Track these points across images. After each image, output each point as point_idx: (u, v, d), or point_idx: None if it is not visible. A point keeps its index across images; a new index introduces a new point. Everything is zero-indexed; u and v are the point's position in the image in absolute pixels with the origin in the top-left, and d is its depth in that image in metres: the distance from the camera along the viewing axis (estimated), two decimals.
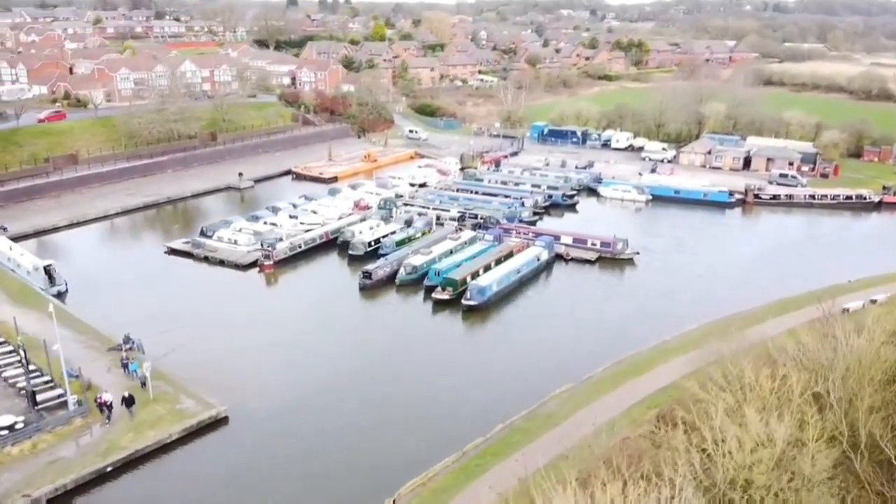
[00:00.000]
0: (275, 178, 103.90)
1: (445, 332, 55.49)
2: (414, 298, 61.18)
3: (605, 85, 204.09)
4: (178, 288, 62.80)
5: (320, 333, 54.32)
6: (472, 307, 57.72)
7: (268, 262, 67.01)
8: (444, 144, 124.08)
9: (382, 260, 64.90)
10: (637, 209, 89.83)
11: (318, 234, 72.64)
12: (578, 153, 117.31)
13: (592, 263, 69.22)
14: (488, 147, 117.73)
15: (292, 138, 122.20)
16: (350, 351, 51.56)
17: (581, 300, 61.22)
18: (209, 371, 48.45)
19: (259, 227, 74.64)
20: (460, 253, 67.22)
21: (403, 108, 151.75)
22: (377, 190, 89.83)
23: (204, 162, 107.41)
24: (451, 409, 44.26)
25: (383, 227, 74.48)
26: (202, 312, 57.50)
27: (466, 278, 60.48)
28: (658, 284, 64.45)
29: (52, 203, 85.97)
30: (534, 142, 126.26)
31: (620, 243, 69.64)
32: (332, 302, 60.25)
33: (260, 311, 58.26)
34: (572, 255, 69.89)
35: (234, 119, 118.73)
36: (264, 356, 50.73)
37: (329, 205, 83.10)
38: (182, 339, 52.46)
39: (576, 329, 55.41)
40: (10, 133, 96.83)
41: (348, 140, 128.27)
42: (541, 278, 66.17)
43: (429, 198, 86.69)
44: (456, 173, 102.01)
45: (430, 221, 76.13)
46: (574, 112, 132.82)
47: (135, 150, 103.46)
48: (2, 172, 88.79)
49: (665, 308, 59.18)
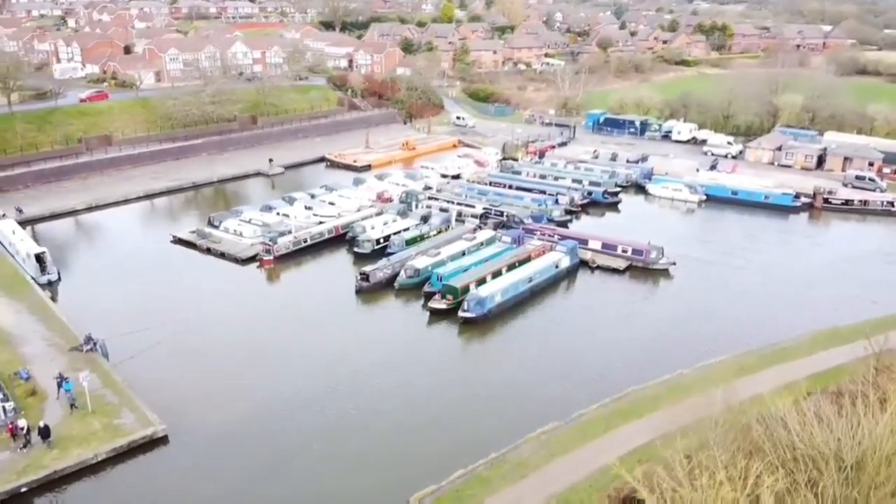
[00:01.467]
0: (308, 165, 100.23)
1: (435, 348, 49.78)
2: (412, 305, 55.75)
3: (681, 71, 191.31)
4: (170, 281, 59.56)
5: (300, 343, 49.68)
6: (470, 320, 51.79)
7: (267, 257, 63.06)
8: (491, 132, 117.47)
9: (384, 260, 59.69)
10: (688, 210, 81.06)
11: (326, 229, 68.10)
12: (634, 145, 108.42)
13: (621, 273, 61.82)
14: (536, 136, 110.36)
15: (335, 123, 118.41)
16: (326, 365, 46.71)
17: (598, 317, 54.22)
18: (168, 380, 44.72)
19: (270, 217, 70.83)
20: (472, 255, 61.25)
21: (456, 93, 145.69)
22: (404, 181, 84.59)
23: (240, 146, 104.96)
24: (411, 444, 38.74)
25: (398, 223, 69.27)
26: (185, 310, 53.94)
27: (470, 285, 54.52)
28: (694, 302, 56.61)
29: (78, 185, 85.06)
30: (588, 131, 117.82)
31: (654, 252, 61.89)
32: (324, 306, 55.56)
33: (245, 313, 54.20)
34: (598, 263, 62.66)
35: (277, 102, 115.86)
36: (233, 366, 46.54)
37: (349, 196, 78.49)
38: (154, 340, 48.90)
39: (582, 352, 48.67)
40: (47, 113, 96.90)
41: (393, 126, 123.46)
42: (559, 288, 59.39)
43: (456, 191, 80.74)
44: (494, 165, 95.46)
45: (448, 218, 70.30)
46: (635, 100, 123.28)
47: (171, 132, 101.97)
48: (33, 153, 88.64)
49: (695, 332, 51.51)
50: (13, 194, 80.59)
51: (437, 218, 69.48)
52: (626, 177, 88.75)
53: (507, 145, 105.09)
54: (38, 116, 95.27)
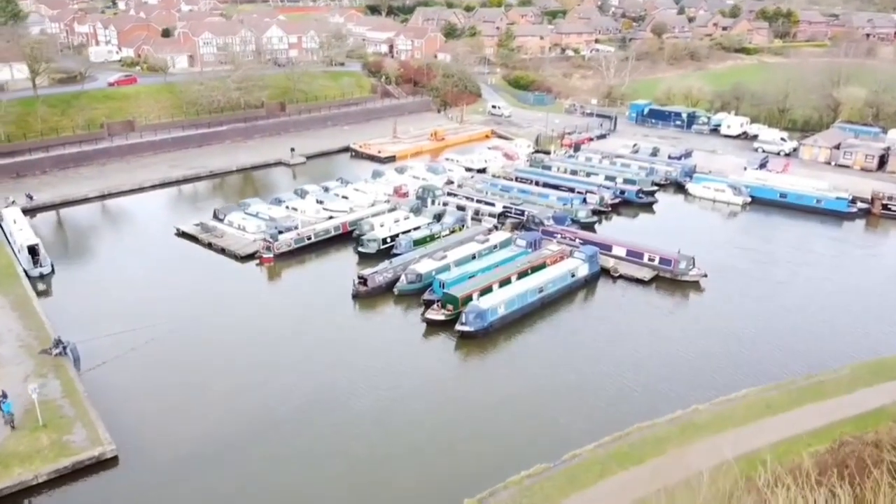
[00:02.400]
0: (332, 155, 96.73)
1: (426, 365, 45.40)
2: (411, 314, 51.50)
3: (739, 59, 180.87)
4: (165, 278, 56.82)
5: (283, 353, 46.07)
6: (468, 334, 47.27)
7: (267, 255, 59.77)
8: (527, 122, 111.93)
9: (385, 263, 55.59)
10: (730, 214, 74.37)
11: (333, 225, 64.37)
12: (679, 139, 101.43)
13: (646, 284, 56.24)
14: (574, 127, 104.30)
15: (366, 111, 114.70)
16: (305, 381, 42.94)
17: (613, 334, 48.94)
18: (135, 391, 41.79)
19: (277, 211, 67.57)
20: (482, 260, 56.58)
21: (496, 80, 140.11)
22: (425, 175, 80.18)
23: (266, 133, 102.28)
24: (382, 475, 34.68)
25: (409, 221, 65.06)
26: (173, 311, 50.99)
27: (473, 295, 49.99)
28: (724, 320, 50.77)
29: (95, 172, 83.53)
30: (631, 123, 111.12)
31: (684, 261, 56.07)
32: (318, 311, 51.82)
33: (234, 316, 50.91)
34: (621, 272, 57.19)
35: (307, 89, 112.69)
36: (209, 376, 43.26)
37: (365, 190, 74.58)
38: (131, 345, 46.17)
39: (589, 376, 43.65)
40: (73, 97, 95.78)
41: (426, 115, 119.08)
42: (575, 299, 54.24)
43: (478, 187, 75.91)
44: (523, 158, 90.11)
45: (462, 217, 65.73)
46: (683, 90, 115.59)
47: (196, 118, 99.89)
48: (54, 137, 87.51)
49: (720, 357, 45.85)
50: (29, 180, 79.52)
51: (450, 217, 64.97)
52: (666, 174, 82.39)
53: (541, 137, 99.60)
54: (62, 100, 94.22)
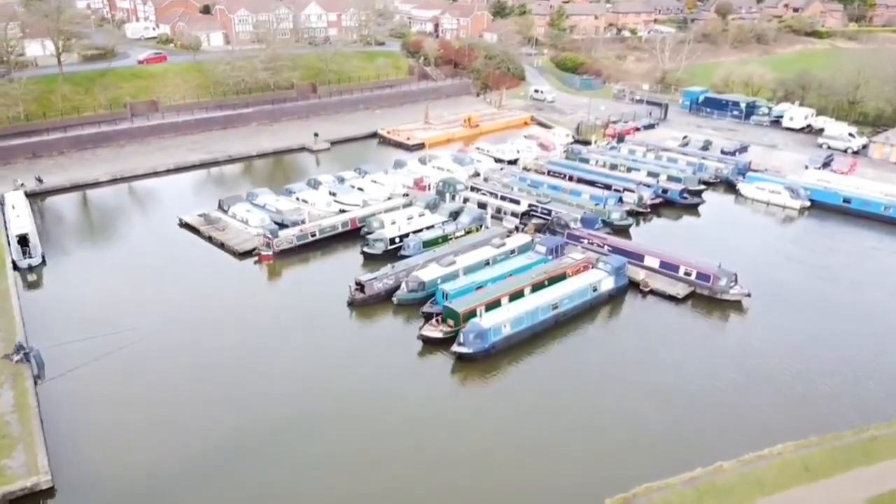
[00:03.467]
0: (358, 141, 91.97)
1: (414, 394, 40.12)
2: (409, 328, 46.37)
3: (810, 43, 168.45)
4: (158, 274, 53.19)
5: (261, 372, 41.68)
6: (465, 357, 42.00)
7: (266, 252, 55.60)
8: (571, 108, 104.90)
9: (387, 268, 50.52)
10: (785, 219, 66.58)
11: (340, 221, 59.70)
12: (736, 131, 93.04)
13: (679, 302, 49.75)
14: (620, 115, 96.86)
15: (400, 94, 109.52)
16: (276, 406, 38.47)
17: (634, 364, 42.81)
18: (95, 407, 38.13)
19: (285, 203, 63.30)
20: (494, 268, 50.97)
21: (542, 62, 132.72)
22: (450, 166, 74.64)
23: (293, 116, 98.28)
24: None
25: (424, 219, 59.89)
26: (158, 313, 47.35)
27: (477, 309, 44.62)
28: (766, 353, 43.96)
29: (112, 154, 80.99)
30: (684, 111, 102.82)
31: (725, 277, 49.31)
32: (309, 320, 47.23)
33: (216, 323, 46.77)
34: (652, 287, 50.81)
35: (340, 69, 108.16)
36: (173, 394, 39.27)
37: (383, 182, 69.62)
38: (103, 351, 42.68)
39: (597, 418, 37.81)
40: (99, 75, 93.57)
41: (465, 98, 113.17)
42: (596, 318, 48.18)
43: (505, 181, 70.02)
44: (560, 149, 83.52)
45: (481, 216, 60.11)
46: (743, 76, 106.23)
47: (223, 99, 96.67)
48: (74, 117, 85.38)
49: (756, 399, 39.37)
50: (45, 161, 77.47)
51: (467, 216, 59.44)
52: (716, 171, 74.76)
53: (583, 125, 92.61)
54: (87, 78, 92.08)
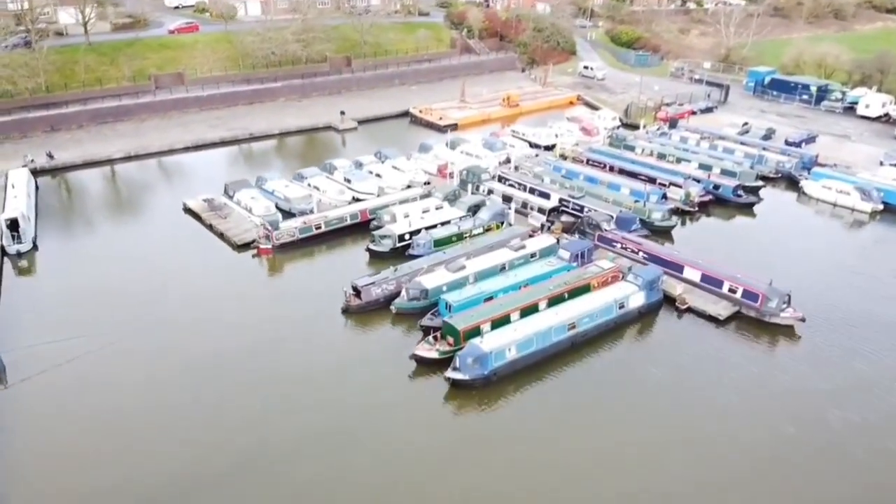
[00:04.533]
0: (389, 120, 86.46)
1: (402, 422, 34.92)
2: (406, 341, 41.17)
3: (892, 20, 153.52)
4: (149, 267, 49.29)
5: (233, 390, 37.20)
6: (460, 383, 36.60)
7: (265, 245, 51.14)
8: (622, 87, 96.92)
9: (388, 271, 45.29)
10: (854, 224, 58.41)
11: (349, 213, 54.66)
12: (804, 118, 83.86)
13: (721, 324, 43.04)
14: (675, 97, 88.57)
15: (439, 69, 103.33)
16: (243, 429, 34.06)
17: (665, 397, 36.64)
18: (41, 423, 34.46)
19: (293, 190, 58.55)
20: (510, 274, 45.13)
21: (596, 35, 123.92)
22: (479, 151, 68.55)
23: (324, 92, 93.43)
24: None
25: (441, 213, 54.38)
26: (142, 312, 43.59)
27: (481, 326, 39.09)
28: (815, 394, 37.18)
29: (130, 129, 77.77)
30: (748, 94, 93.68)
31: (776, 298, 42.30)
32: (298, 327, 42.55)
33: (199, 326, 42.63)
34: (690, 305, 44.16)
35: (377, 42, 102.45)
36: (134, 409, 35.31)
37: (403, 168, 64.16)
38: (71, 355, 39.20)
39: (616, 463, 32.05)
40: (126, 44, 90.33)
41: (509, 74, 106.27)
42: (620, 340, 41.93)
43: (537, 170, 63.60)
44: (604, 134, 76.26)
45: (503, 212, 54.07)
46: (816, 56, 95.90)
47: (251, 72, 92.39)
48: (97, 89, 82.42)
49: (798, 455, 32.91)
50: (62, 135, 74.77)
51: (487, 211, 53.47)
52: (777, 165, 66.65)
53: (632, 107, 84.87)
54: (114, 48, 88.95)
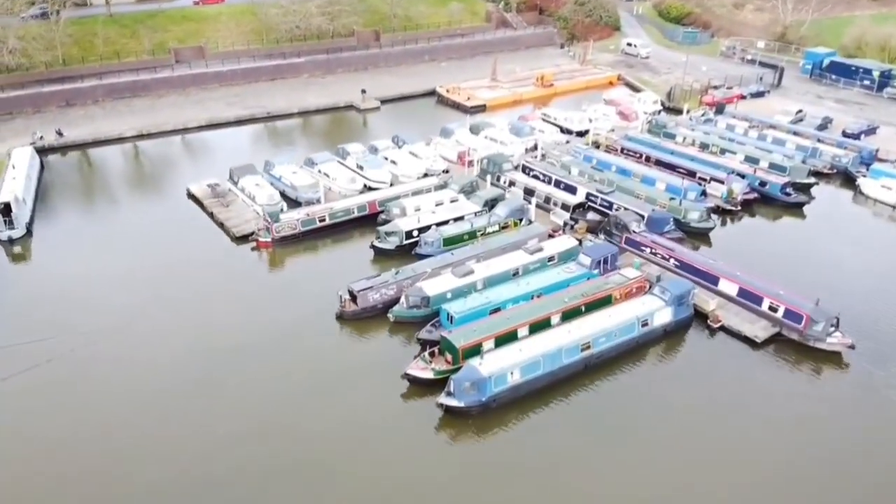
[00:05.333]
0: (414, 99, 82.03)
1: (388, 451, 31.39)
2: (403, 354, 37.39)
3: None
4: (142, 258, 46.64)
5: (209, 403, 34.21)
6: (455, 411, 32.71)
7: (264, 239, 47.86)
8: (667, 66, 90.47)
9: (388, 274, 41.40)
10: None
11: (356, 204, 50.80)
12: (865, 106, 76.55)
13: (758, 347, 38.11)
14: (724, 79, 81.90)
15: (472, 44, 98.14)
16: (211, 453, 30.95)
17: (690, 432, 32.21)
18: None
19: (302, 177, 54.84)
20: (522, 281, 40.72)
21: (643, 9, 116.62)
22: (504, 137, 63.82)
23: (349, 68, 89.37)
24: None
25: (456, 207, 50.20)
26: (123, 308, 40.95)
27: (483, 343, 35.07)
28: (864, 438, 32.31)
29: (146, 105, 75.17)
30: (804, 77, 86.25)
31: (822, 321, 37.14)
32: (290, 332, 39.11)
33: (186, 326, 39.67)
34: (723, 323, 39.30)
35: (408, 15, 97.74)
36: (85, 427, 32.51)
37: (422, 154, 59.93)
38: (35, 361, 36.78)
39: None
40: (148, 16, 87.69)
41: (546, 51, 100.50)
42: (642, 361, 37.36)
43: (564, 160, 58.62)
44: (643, 119, 70.52)
45: (522, 208, 49.47)
46: (879, 38, 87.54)
47: (275, 46, 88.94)
48: (115, 63, 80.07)
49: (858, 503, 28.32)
50: (76, 111, 72.66)
51: (505, 207, 48.85)
52: (833, 159, 60.35)
53: (676, 89, 78.67)
54: (134, 20, 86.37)
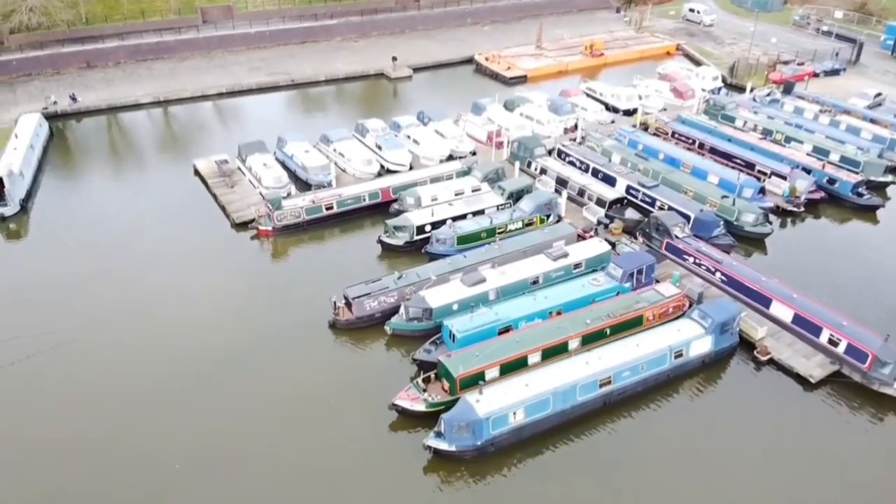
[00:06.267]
0: (450, 67, 76.31)
1: (366, 495, 27.40)
2: (399, 372, 33.08)
3: None
4: (137, 244, 43.33)
5: (175, 421, 30.68)
6: (445, 455, 28.25)
7: (265, 227, 43.86)
8: (732, 37, 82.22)
9: (390, 278, 36.81)
10: None
11: (368, 191, 46.11)
12: None
13: (812, 388, 32.41)
14: (795, 53, 73.52)
15: (520, 6, 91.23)
16: (164, 487, 27.47)
17: (726, 493, 27.19)
18: None
19: (315, 157, 50.27)
20: (541, 296, 35.58)
21: None
22: (541, 115, 57.91)
23: (385, 31, 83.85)
24: None
25: (479, 198, 45.11)
26: (101, 304, 37.77)
27: (485, 371, 30.42)
28: None
29: (168, 68, 71.50)
30: (885, 53, 77.03)
31: (892, 362, 31.15)
32: (278, 339, 35.12)
33: (168, 327, 36.16)
34: (772, 356, 33.60)
35: None
36: (42, 438, 29.40)
37: (447, 134, 54.62)
38: (10, 359, 33.72)
39: None
40: None
41: (600, 15, 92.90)
42: (674, 396, 32.18)
43: (605, 144, 52.47)
44: (700, 97, 63.33)
45: (551, 202, 43.91)
46: None
47: (307, 6, 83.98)
48: (139, 23, 76.26)
49: None
50: (95, 73, 69.46)
51: (529, 201, 43.41)
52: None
53: (740, 64, 70.86)
54: None
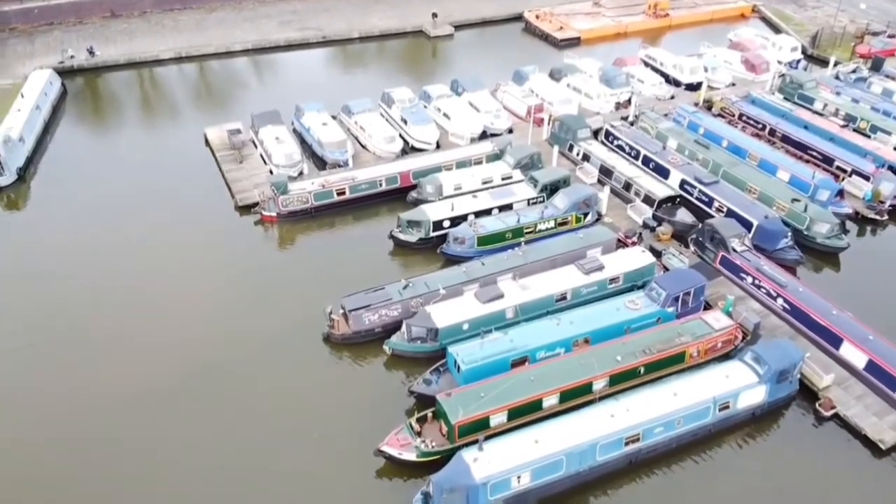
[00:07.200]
0: (496, 25, 69.84)
1: None
2: (395, 401, 28.88)
3: None
4: (132, 224, 39.94)
5: (141, 446, 27.33)
6: None
7: (268, 213, 39.77)
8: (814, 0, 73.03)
9: (395, 289, 32.18)
10: None
11: (385, 175, 41.33)
12: None
13: (881, 454, 26.90)
14: (888, 24, 64.46)
15: None
16: None
17: None
18: None
19: (332, 132, 45.47)
20: (565, 320, 30.54)
21: None
22: (591, 87, 51.52)
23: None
24: None
25: (507, 190, 39.90)
26: (82, 295, 34.58)
27: (490, 418, 25.93)
28: None
29: (194, 20, 67.40)
30: None
31: None
32: (267, 349, 31.24)
33: (148, 326, 32.72)
34: (837, 411, 28.05)
35: None
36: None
37: (482, 107, 48.89)
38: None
39: None
40: None
41: None
42: (716, 452, 27.12)
43: (661, 127, 46.09)
44: (775, 71, 55.69)
45: (590, 199, 38.26)
46: None
47: None
48: None
49: None
50: (118, 24, 65.94)
51: (564, 197, 37.79)
52: None
53: (823, 32, 62.45)
54: None
